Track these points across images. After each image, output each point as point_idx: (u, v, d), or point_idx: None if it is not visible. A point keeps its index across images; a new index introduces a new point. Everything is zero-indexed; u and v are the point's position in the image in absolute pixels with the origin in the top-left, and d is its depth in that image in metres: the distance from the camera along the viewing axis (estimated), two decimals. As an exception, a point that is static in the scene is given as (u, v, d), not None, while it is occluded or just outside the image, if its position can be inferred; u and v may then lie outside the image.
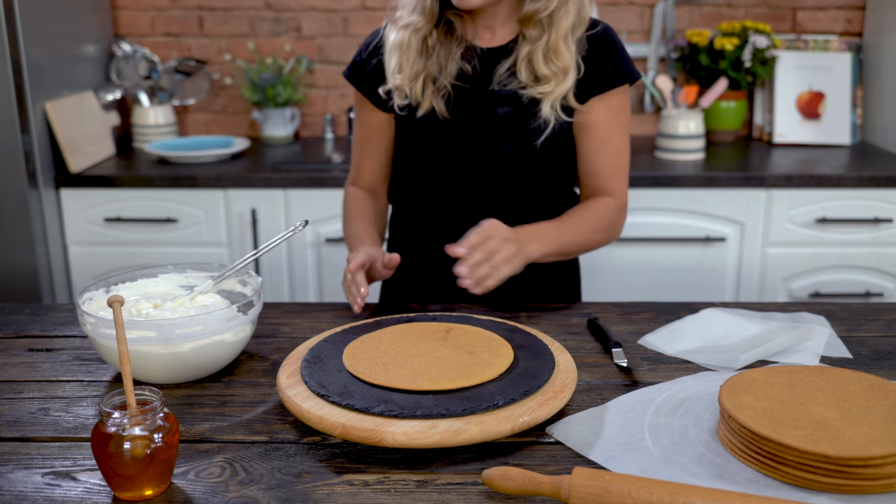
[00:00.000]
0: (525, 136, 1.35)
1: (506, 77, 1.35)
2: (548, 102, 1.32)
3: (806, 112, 2.65)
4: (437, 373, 0.98)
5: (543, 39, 1.30)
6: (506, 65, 1.35)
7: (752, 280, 2.32)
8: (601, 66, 1.35)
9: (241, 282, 1.19)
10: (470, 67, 1.36)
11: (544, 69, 1.31)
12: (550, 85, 1.31)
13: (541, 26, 1.31)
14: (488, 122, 1.36)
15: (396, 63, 1.36)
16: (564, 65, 1.31)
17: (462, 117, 1.37)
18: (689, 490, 0.75)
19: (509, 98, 1.34)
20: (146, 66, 2.63)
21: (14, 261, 2.23)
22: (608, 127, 1.37)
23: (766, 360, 1.11)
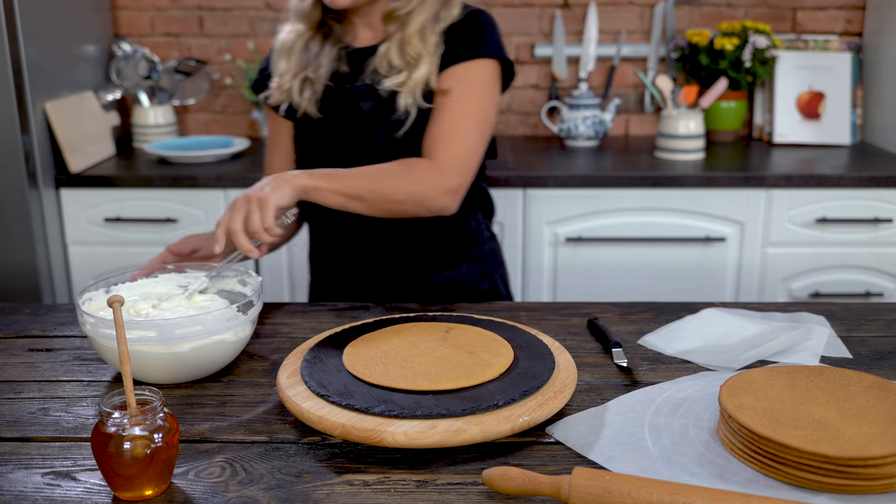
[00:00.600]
0: (391, 128, 1.38)
1: (372, 74, 1.39)
2: (404, 93, 1.35)
3: (806, 112, 2.65)
4: (437, 373, 0.98)
5: (398, 35, 1.36)
6: (373, 62, 1.39)
7: (752, 280, 2.32)
8: (460, 41, 1.37)
9: (241, 282, 1.19)
10: (346, 68, 1.42)
11: (397, 60, 1.35)
12: (403, 75, 1.34)
13: (399, 22, 1.36)
14: (355, 118, 1.40)
15: (282, 65, 1.44)
16: (417, 54, 1.34)
17: (332, 116, 1.42)
18: (689, 490, 0.75)
19: (368, 92, 1.39)
20: (146, 66, 2.63)
21: (14, 261, 2.23)
22: (454, 92, 1.36)
23: (766, 360, 1.11)
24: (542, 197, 2.25)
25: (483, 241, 1.56)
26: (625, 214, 2.27)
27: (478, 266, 1.54)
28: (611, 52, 2.74)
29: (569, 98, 2.63)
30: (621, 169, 2.30)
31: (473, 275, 1.53)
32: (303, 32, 1.42)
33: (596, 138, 2.61)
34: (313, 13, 1.42)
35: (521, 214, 2.27)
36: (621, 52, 2.75)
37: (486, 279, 1.56)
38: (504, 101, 2.80)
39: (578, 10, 2.74)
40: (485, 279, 1.56)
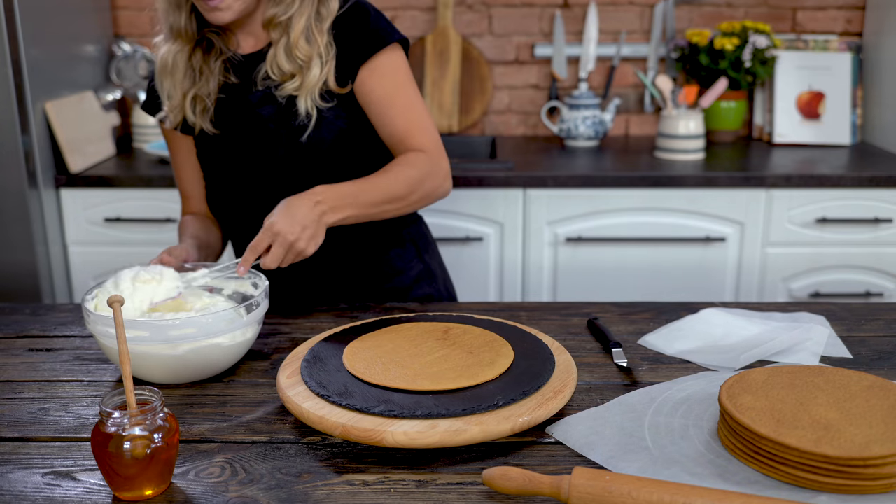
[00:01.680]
0: (293, 133, 1.36)
1: (263, 81, 1.37)
2: (302, 98, 1.34)
3: (806, 112, 2.65)
4: (437, 373, 0.98)
5: (283, 40, 1.34)
6: (263, 68, 1.37)
7: (752, 280, 2.32)
8: (354, 37, 1.36)
9: (254, 284, 1.19)
10: (234, 78, 1.39)
11: (288, 66, 1.33)
12: (297, 80, 1.33)
13: (281, 28, 1.34)
14: (255, 127, 1.38)
15: (167, 86, 1.40)
16: (306, 56, 1.33)
17: (229, 128, 1.40)
18: (689, 490, 0.75)
19: (266, 97, 1.37)
20: (146, 66, 2.63)
21: (14, 261, 2.22)
22: (386, 90, 1.36)
23: (766, 360, 1.11)
24: (542, 197, 2.25)
25: (408, 224, 1.54)
26: (625, 214, 2.27)
27: (406, 250, 1.53)
28: (611, 52, 2.74)
29: (569, 98, 2.63)
30: (621, 169, 2.30)
31: (403, 259, 1.52)
32: (182, 49, 1.38)
33: (596, 138, 2.61)
34: (189, 28, 1.37)
35: (521, 214, 2.27)
36: (621, 52, 2.75)
37: (418, 261, 1.54)
38: (504, 101, 2.80)
39: (578, 10, 2.74)
40: (416, 261, 1.54)
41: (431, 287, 1.56)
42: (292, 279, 1.47)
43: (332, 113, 1.36)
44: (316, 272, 1.47)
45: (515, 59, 2.77)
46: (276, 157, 1.38)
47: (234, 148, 1.41)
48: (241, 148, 1.40)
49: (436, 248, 1.62)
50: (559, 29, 2.72)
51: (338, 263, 1.47)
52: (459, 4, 2.73)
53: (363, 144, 1.41)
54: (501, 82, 2.79)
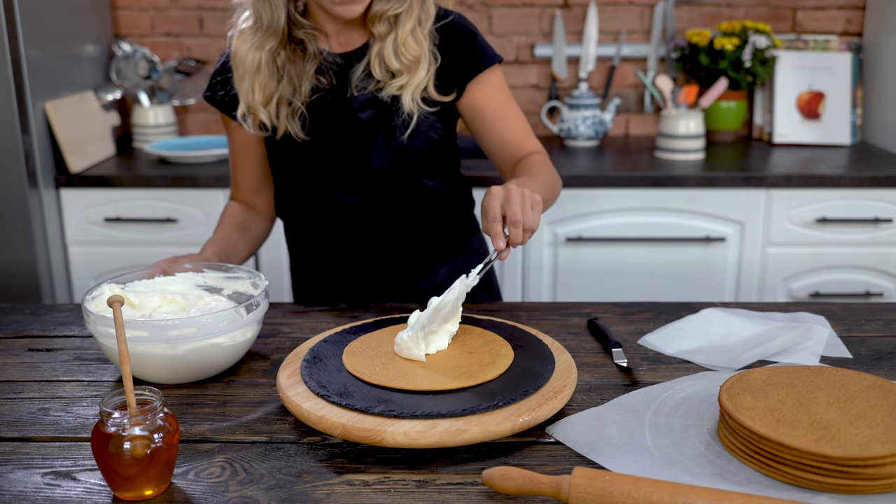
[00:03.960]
0: (391, 134, 1.35)
1: (362, 80, 1.35)
2: (407, 94, 1.33)
3: (806, 112, 2.65)
4: (437, 373, 0.98)
5: (391, 36, 1.32)
6: (360, 67, 1.35)
7: (752, 280, 2.32)
8: (462, 52, 1.38)
9: (253, 284, 1.19)
10: (326, 80, 1.36)
11: (396, 63, 1.32)
12: (405, 77, 1.33)
13: (388, 24, 1.32)
14: (351, 131, 1.36)
15: (248, 86, 1.34)
16: (415, 56, 1.33)
17: (322, 133, 1.37)
18: (689, 490, 0.75)
19: (369, 101, 1.35)
20: (146, 66, 2.63)
21: (14, 261, 2.22)
22: (497, 103, 1.41)
23: (766, 360, 1.11)
24: (542, 197, 2.25)
25: (473, 232, 1.57)
26: (625, 214, 2.27)
27: (471, 258, 1.54)
28: (611, 52, 2.74)
29: (569, 98, 2.63)
30: (621, 169, 2.30)
31: (469, 267, 1.53)
32: (271, 47, 1.33)
33: (596, 138, 2.61)
34: (281, 25, 1.32)
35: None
36: (621, 52, 2.75)
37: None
38: (504, 101, 2.80)
39: (578, 10, 2.74)
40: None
41: (490, 293, 1.59)
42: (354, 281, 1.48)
43: (428, 122, 1.37)
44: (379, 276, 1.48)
45: (515, 59, 2.78)
46: (366, 163, 1.37)
47: (322, 153, 1.38)
48: (331, 153, 1.38)
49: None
50: (559, 29, 2.72)
51: (402, 269, 1.48)
52: (459, 4, 2.73)
53: (448, 159, 1.44)
54: (501, 82, 2.79)
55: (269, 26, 1.32)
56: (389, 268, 1.47)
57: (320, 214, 1.43)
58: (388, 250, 1.46)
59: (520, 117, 1.44)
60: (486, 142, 1.44)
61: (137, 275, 1.20)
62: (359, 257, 1.46)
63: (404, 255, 1.47)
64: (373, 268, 1.47)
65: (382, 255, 1.47)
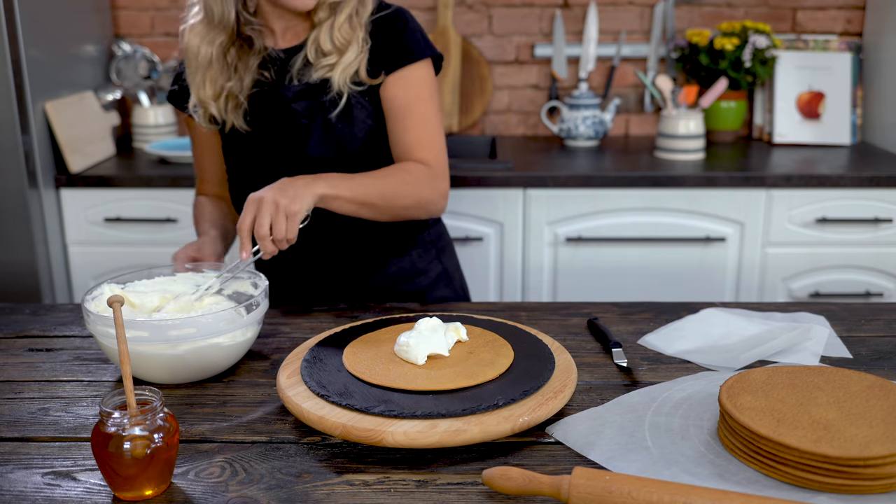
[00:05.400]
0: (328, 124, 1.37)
1: (300, 70, 1.38)
2: (336, 72, 1.35)
3: (806, 112, 2.65)
4: (437, 373, 0.98)
5: (328, 22, 1.35)
6: (299, 58, 1.38)
7: (752, 280, 2.32)
8: (390, 44, 1.39)
9: (254, 284, 1.19)
10: (268, 74, 1.40)
11: (328, 45, 1.35)
12: (333, 57, 1.36)
13: (328, 10, 1.36)
14: (287, 121, 1.39)
15: (200, 79, 1.39)
16: (346, 39, 1.35)
17: (262, 125, 1.41)
18: (689, 490, 0.75)
19: (303, 91, 1.38)
20: (146, 66, 2.63)
21: (14, 261, 2.22)
22: (407, 100, 1.39)
23: (766, 360, 1.11)
24: (542, 197, 2.25)
25: (429, 225, 1.56)
26: (625, 214, 2.27)
27: (427, 251, 1.54)
28: (611, 52, 2.74)
29: (569, 98, 2.63)
30: (621, 169, 2.29)
31: (424, 260, 1.53)
32: (220, 42, 1.37)
33: (596, 138, 2.61)
34: (230, 21, 1.36)
35: (521, 214, 2.27)
36: (621, 52, 2.75)
37: (437, 262, 1.56)
38: (504, 102, 2.80)
39: (578, 10, 2.74)
40: (435, 262, 1.55)
41: (449, 288, 1.57)
42: (309, 278, 1.48)
43: (365, 110, 1.38)
44: (334, 271, 1.48)
45: (515, 59, 2.77)
46: (303, 153, 1.39)
47: (264, 144, 1.42)
48: (272, 144, 1.41)
49: (453, 250, 1.64)
50: (559, 29, 2.72)
51: (357, 263, 1.48)
52: (459, 4, 2.73)
53: (387, 150, 1.44)
54: (501, 82, 2.79)
55: (219, 21, 1.36)
56: (342, 263, 1.47)
57: None
58: (340, 245, 1.46)
59: (425, 121, 1.40)
60: (389, 140, 1.43)
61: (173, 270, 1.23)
62: (310, 253, 1.45)
63: (356, 250, 1.46)
64: (326, 263, 1.47)
65: (334, 250, 1.46)
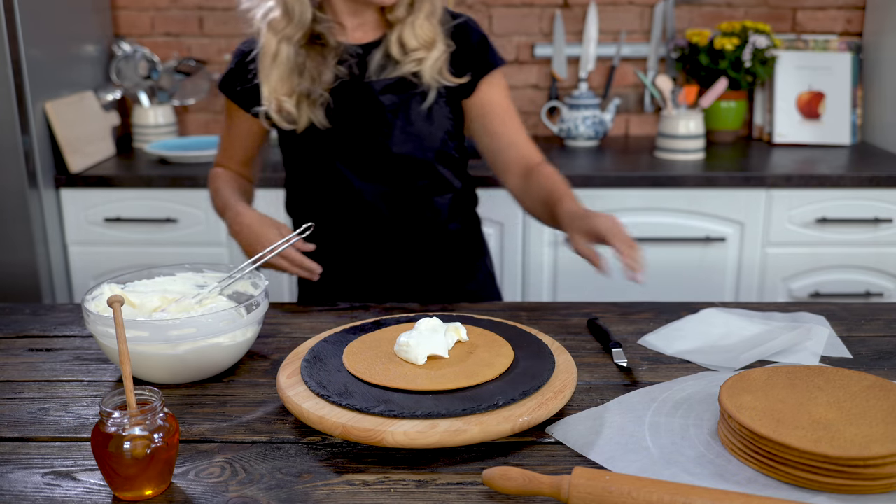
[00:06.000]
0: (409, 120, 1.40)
1: (380, 65, 1.40)
2: (426, 66, 1.39)
3: (806, 112, 2.65)
4: (437, 373, 0.98)
5: (409, 19, 1.38)
6: (378, 53, 1.40)
7: (752, 280, 2.32)
8: (472, 50, 1.44)
9: (254, 284, 1.19)
10: (346, 69, 1.41)
11: (414, 42, 1.38)
12: (422, 52, 1.39)
13: (405, 9, 1.38)
14: (373, 114, 1.41)
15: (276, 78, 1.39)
16: (431, 37, 1.39)
17: (345, 120, 1.41)
18: (689, 490, 0.75)
19: (390, 86, 1.41)
20: (146, 66, 2.63)
21: (14, 261, 2.22)
22: (505, 104, 1.48)
23: (766, 360, 1.11)
24: (542, 197, 2.25)
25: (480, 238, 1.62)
26: (625, 214, 2.27)
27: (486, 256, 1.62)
28: (611, 52, 2.74)
29: (569, 98, 2.63)
30: (621, 169, 2.29)
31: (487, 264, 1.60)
32: (297, 40, 1.38)
33: (596, 138, 2.61)
34: (307, 19, 1.37)
35: (521, 214, 2.26)
36: (621, 52, 2.75)
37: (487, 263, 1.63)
38: (504, 101, 2.80)
39: (578, 10, 2.74)
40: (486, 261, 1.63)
41: (494, 288, 1.63)
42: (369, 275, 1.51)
43: (442, 111, 1.42)
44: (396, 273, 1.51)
45: (515, 59, 2.77)
46: (387, 149, 1.41)
47: (344, 140, 1.42)
48: (353, 140, 1.42)
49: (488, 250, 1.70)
50: (559, 29, 2.72)
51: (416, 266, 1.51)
52: (459, 4, 2.73)
53: (458, 152, 1.50)
54: (501, 82, 2.79)
55: (297, 19, 1.37)
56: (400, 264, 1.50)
57: (337, 208, 1.46)
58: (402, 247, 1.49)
59: (520, 123, 1.49)
60: (491, 139, 1.47)
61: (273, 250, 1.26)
62: (372, 254, 1.48)
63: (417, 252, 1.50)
64: (384, 264, 1.50)
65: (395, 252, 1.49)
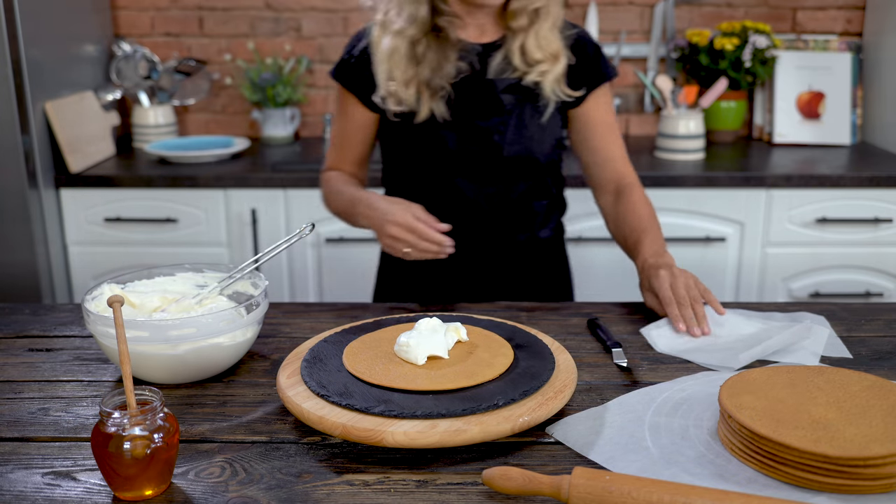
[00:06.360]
0: (522, 124, 1.41)
1: (500, 67, 1.41)
2: (549, 80, 1.40)
3: (806, 112, 2.65)
4: (437, 373, 0.98)
5: (533, 29, 1.38)
6: (499, 56, 1.41)
7: (752, 280, 2.32)
8: (587, 62, 1.46)
9: (254, 284, 1.19)
10: (467, 65, 1.41)
11: (538, 54, 1.39)
12: (546, 65, 1.39)
13: (528, 18, 1.38)
14: (493, 111, 1.41)
15: (387, 71, 1.40)
16: (555, 50, 1.39)
17: (465, 114, 1.42)
18: (689, 490, 0.75)
19: (512, 87, 1.41)
20: (146, 66, 2.63)
21: (14, 261, 2.22)
22: (608, 119, 1.49)
23: (765, 360, 1.11)
24: (542, 197, 2.25)
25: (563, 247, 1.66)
26: (625, 214, 2.27)
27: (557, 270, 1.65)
28: (611, 52, 2.74)
29: (569, 98, 2.63)
30: (621, 169, 2.29)
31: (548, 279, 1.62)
32: (412, 36, 1.38)
33: (596, 138, 2.60)
34: (423, 15, 1.37)
35: (521, 214, 2.26)
36: (621, 52, 2.75)
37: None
38: (504, 101, 2.80)
39: (578, 10, 2.74)
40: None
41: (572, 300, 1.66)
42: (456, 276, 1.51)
43: (554, 121, 1.44)
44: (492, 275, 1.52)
45: (515, 59, 2.77)
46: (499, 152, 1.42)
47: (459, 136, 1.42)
48: (467, 136, 1.42)
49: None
50: (559, 29, 2.72)
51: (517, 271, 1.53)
52: (459, 4, 2.73)
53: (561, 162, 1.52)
54: (501, 82, 2.79)
55: (412, 17, 1.38)
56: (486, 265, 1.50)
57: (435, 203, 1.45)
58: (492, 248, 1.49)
59: (619, 137, 1.51)
60: (589, 153, 1.50)
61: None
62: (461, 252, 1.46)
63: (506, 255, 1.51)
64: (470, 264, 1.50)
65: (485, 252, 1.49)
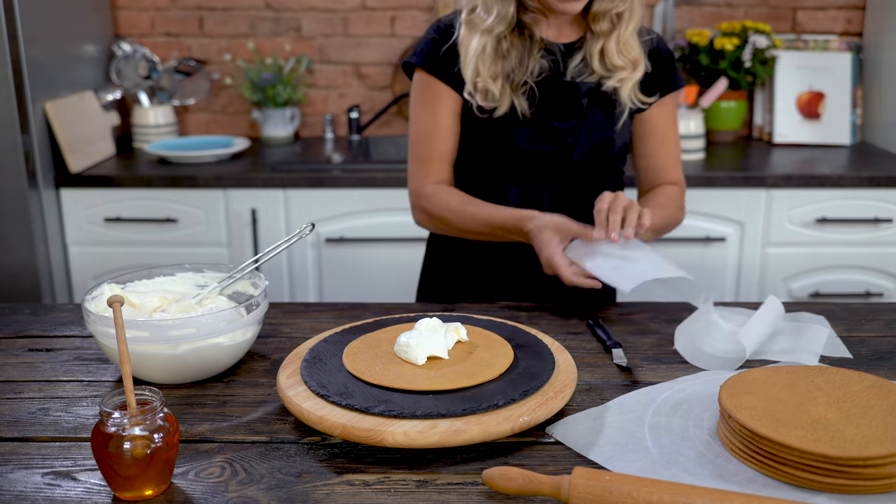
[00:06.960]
0: (593, 127, 1.42)
1: (577, 70, 1.42)
2: (627, 87, 1.41)
3: (806, 112, 2.65)
4: (437, 373, 0.98)
5: (615, 34, 1.39)
6: (577, 58, 1.42)
7: (752, 280, 2.32)
8: (662, 71, 1.46)
9: (254, 284, 1.19)
10: (548, 63, 1.42)
11: (619, 60, 1.40)
12: (626, 72, 1.40)
13: (610, 22, 1.39)
14: (573, 112, 1.42)
15: (475, 68, 1.40)
16: (635, 57, 1.40)
17: (544, 112, 1.42)
18: (689, 490, 0.75)
19: (592, 90, 1.42)
20: (146, 66, 2.63)
21: (14, 261, 2.23)
22: (666, 126, 1.49)
23: (766, 360, 1.11)
24: (542, 197, 2.25)
25: None
26: (625, 214, 2.27)
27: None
28: (611, 52, 2.74)
29: (569, 98, 2.63)
30: (621, 169, 2.29)
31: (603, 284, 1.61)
32: (501, 32, 1.39)
33: (596, 138, 2.60)
34: (510, 13, 1.38)
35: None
36: (621, 52, 2.74)
37: None
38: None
39: (578, 10, 2.74)
40: None
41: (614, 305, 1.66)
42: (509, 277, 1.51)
43: (627, 122, 1.45)
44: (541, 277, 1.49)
45: (515, 59, 2.77)
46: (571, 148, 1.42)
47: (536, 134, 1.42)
48: (544, 133, 1.42)
49: None
50: (559, 29, 2.72)
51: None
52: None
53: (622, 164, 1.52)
54: (501, 82, 2.79)
55: (500, 14, 1.38)
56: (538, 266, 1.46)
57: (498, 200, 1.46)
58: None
59: (676, 146, 1.51)
60: (644, 159, 1.51)
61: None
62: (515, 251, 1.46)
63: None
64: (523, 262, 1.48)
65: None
